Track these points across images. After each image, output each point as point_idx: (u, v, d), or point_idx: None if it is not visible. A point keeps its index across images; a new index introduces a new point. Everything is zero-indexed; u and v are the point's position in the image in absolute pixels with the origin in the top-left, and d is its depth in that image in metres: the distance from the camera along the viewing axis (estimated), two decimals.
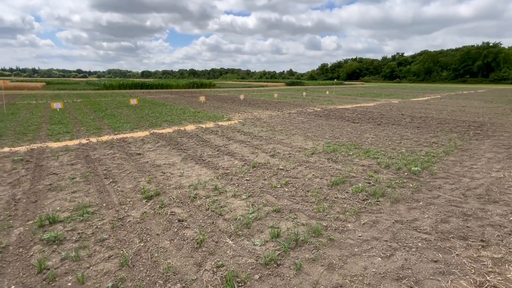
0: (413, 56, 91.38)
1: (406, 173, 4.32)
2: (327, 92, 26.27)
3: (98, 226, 2.75)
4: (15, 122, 8.74)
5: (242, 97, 18.56)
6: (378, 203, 3.31)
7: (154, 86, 34.37)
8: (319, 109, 13.39)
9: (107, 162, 4.84)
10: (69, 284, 1.99)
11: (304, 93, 22.26)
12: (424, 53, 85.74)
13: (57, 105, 11.99)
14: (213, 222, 2.84)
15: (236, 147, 5.93)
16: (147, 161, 4.92)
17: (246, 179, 4.05)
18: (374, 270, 2.17)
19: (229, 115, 10.88)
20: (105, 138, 6.74)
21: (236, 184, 3.86)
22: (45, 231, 2.66)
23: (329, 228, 2.75)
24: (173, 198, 3.39)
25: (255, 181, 3.99)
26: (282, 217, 2.96)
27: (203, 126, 8.45)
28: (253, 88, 41.11)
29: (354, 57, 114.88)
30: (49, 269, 2.13)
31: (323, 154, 5.43)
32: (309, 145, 6.17)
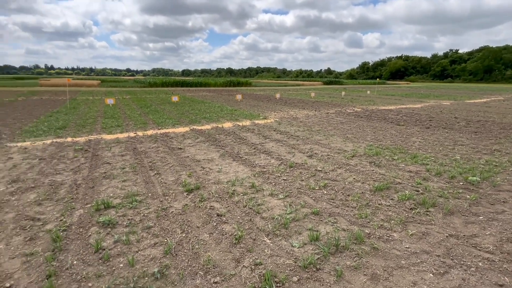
0: (470, 53, 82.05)
1: (461, 183, 3.89)
2: (368, 92, 24.89)
3: (145, 214, 2.95)
4: (76, 116, 9.81)
5: (278, 96, 18.48)
6: (428, 213, 3.03)
7: (193, 84, 35.95)
8: (359, 109, 12.74)
9: (152, 155, 5.18)
10: (121, 265, 2.16)
11: (343, 93, 21.38)
12: (484, 49, 76.43)
13: (110, 101, 13.19)
14: (250, 220, 2.86)
15: (273, 146, 5.91)
16: (188, 156, 5.15)
17: (283, 179, 4.01)
18: (425, 287, 1.98)
19: (265, 114, 10.90)
20: (150, 132, 7.22)
21: (273, 183, 3.84)
22: (101, 214, 2.93)
23: (372, 236, 2.59)
24: (212, 193, 3.50)
25: (292, 181, 3.93)
26: (321, 220, 2.86)
27: (240, 124, 8.59)
28: (289, 87, 40.69)
29: (399, 55, 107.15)
30: (104, 249, 2.34)
31: (364, 157, 5.14)
32: (349, 147, 5.90)
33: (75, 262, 2.19)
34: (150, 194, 3.45)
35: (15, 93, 20.14)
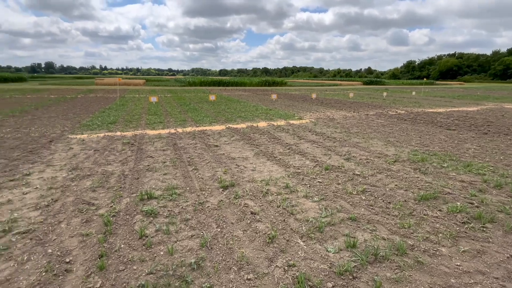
0: None
1: None
2: (413, 93, 23.05)
3: (183, 207, 3.11)
4: (124, 112, 10.70)
5: (314, 96, 18.06)
6: (484, 229, 2.70)
7: (229, 84, 36.84)
8: (403, 111, 11.87)
9: (190, 151, 5.43)
10: (161, 253, 2.31)
11: (385, 94, 20.09)
12: None
13: (153, 99, 14.15)
14: (284, 220, 2.85)
15: (308, 147, 5.80)
16: (223, 153, 5.29)
17: (318, 181, 3.91)
18: None
19: (300, 114, 10.74)
20: (188, 129, 7.58)
21: (308, 185, 3.76)
22: (144, 204, 3.16)
23: (416, 249, 2.39)
24: (246, 191, 3.55)
25: (328, 184, 3.81)
26: (359, 227, 2.73)
27: (275, 123, 8.58)
28: (326, 87, 39.52)
29: (451, 52, 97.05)
30: (147, 236, 2.52)
31: (408, 163, 4.78)
32: (390, 151, 5.53)
33: (122, 245, 2.39)
34: (188, 188, 3.62)
35: (75, 91, 22.67)
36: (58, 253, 2.28)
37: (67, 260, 2.20)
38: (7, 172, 4.12)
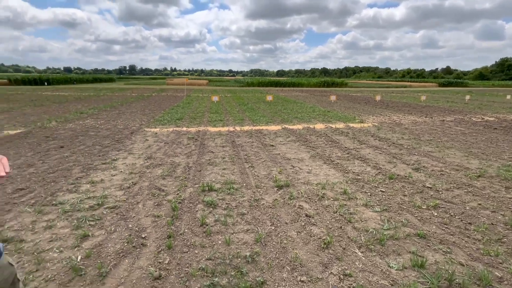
0: None
1: None
2: (508, 97, 19.18)
3: (240, 202, 3.26)
4: (189, 110, 11.73)
5: (378, 98, 16.67)
6: None
7: (286, 84, 36.81)
8: (491, 118, 10.01)
9: (247, 149, 5.64)
10: (219, 242, 2.47)
11: (468, 97, 17.22)
12: None
13: (215, 98, 15.12)
14: (341, 227, 2.72)
15: (369, 153, 5.40)
16: (279, 153, 5.33)
17: (380, 190, 3.61)
18: None
19: (362, 117, 10.05)
20: (246, 128, 7.87)
21: (369, 193, 3.51)
22: (205, 195, 3.42)
23: (505, 282, 2.01)
24: (301, 193, 3.51)
25: (392, 194, 3.48)
26: (428, 246, 2.43)
27: (333, 126, 8.24)
28: (392, 88, 36.02)
29: None
30: (207, 225, 2.73)
31: (497, 179, 4.02)
32: (473, 164, 4.74)
33: (186, 230, 2.65)
34: (244, 184, 3.78)
35: (151, 90, 25.86)
36: (136, 228, 2.66)
37: (143, 235, 2.54)
38: (100, 156, 4.97)
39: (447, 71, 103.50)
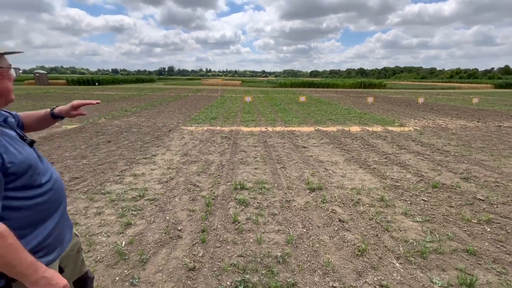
0: None
1: None
2: None
3: (271, 202, 3.27)
4: (223, 109, 12.05)
5: (421, 100, 15.48)
6: None
7: (320, 85, 35.95)
8: None
9: (279, 150, 5.62)
10: (251, 240, 2.51)
11: None
12: None
13: (247, 98, 15.34)
14: (377, 235, 2.59)
15: (410, 159, 5.04)
16: (311, 155, 5.23)
17: (422, 199, 3.36)
18: None
19: (402, 120, 9.42)
20: (278, 128, 7.86)
21: (409, 202, 3.29)
22: (238, 193, 3.49)
23: None
24: (335, 197, 3.41)
25: (436, 204, 3.22)
26: (479, 264, 2.20)
27: (369, 129, 7.85)
28: (438, 90, 33.18)
29: None
30: (239, 222, 2.79)
31: None
32: None
33: (219, 226, 2.73)
34: (276, 185, 3.78)
35: (187, 90, 27.09)
36: (173, 221, 2.81)
37: (179, 228, 2.68)
38: (141, 151, 5.34)
39: (506, 71, 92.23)
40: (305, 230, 2.67)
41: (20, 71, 1.04)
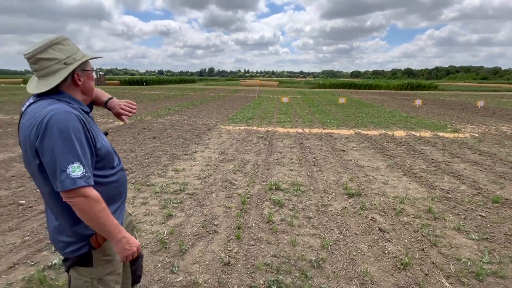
0: None
1: None
2: None
3: (307, 205, 3.21)
4: (260, 110, 12.16)
5: (480, 103, 13.80)
6: None
7: (362, 86, 34.22)
8: None
9: (316, 152, 5.49)
10: (285, 241, 2.50)
11: None
12: None
13: (284, 99, 15.26)
14: (423, 249, 2.38)
15: (465, 168, 4.53)
16: (351, 159, 5.01)
17: (479, 214, 3.00)
18: None
19: (456, 125, 8.51)
20: (315, 130, 7.67)
21: (462, 216, 2.96)
22: (272, 193, 3.50)
23: None
24: (375, 204, 3.22)
25: (498, 222, 2.84)
26: None
27: (417, 134, 7.24)
28: (503, 92, 29.25)
29: None
30: (273, 222, 2.79)
31: None
32: None
33: (253, 224, 2.77)
34: (312, 188, 3.70)
35: (225, 90, 27.93)
36: (210, 216, 2.93)
37: (215, 223, 2.79)
38: (183, 148, 5.66)
39: None
40: (341, 237, 2.57)
41: (101, 73, 1.22)
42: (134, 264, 1.50)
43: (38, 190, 3.23)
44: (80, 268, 1.09)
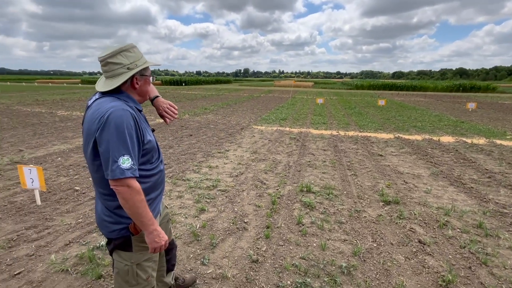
0: None
1: None
2: None
3: (339, 209, 3.11)
4: (293, 111, 12.04)
5: None
6: None
7: (404, 88, 31.95)
8: None
9: (351, 155, 5.28)
10: (314, 244, 2.45)
11: None
12: None
13: (319, 101, 14.90)
14: (470, 267, 2.16)
15: None
16: (388, 165, 4.72)
17: None
18: None
19: None
20: (351, 133, 7.37)
21: None
22: (303, 195, 3.45)
23: None
24: (415, 214, 2.99)
25: None
26: None
27: (468, 140, 6.55)
28: None
29: None
30: (303, 225, 2.76)
31: None
32: None
33: (282, 225, 2.77)
34: (345, 192, 3.57)
35: (259, 91, 28.16)
36: (240, 213, 3.00)
37: (245, 220, 2.84)
38: (216, 146, 5.85)
39: None
40: (375, 245, 2.45)
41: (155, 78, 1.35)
42: (169, 253, 1.61)
43: (91, 178, 3.60)
44: (121, 252, 1.20)
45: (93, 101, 1.15)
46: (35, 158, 4.83)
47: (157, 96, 1.52)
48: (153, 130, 1.31)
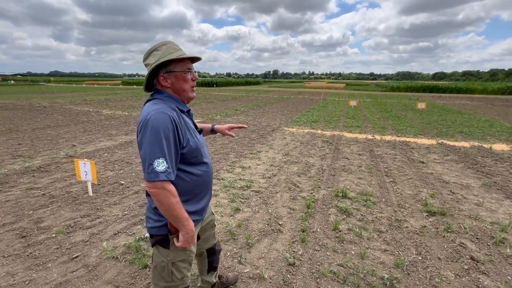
0: None
1: None
2: None
3: (378, 217, 2.97)
4: (325, 113, 11.76)
5: None
6: None
7: (447, 90, 29.58)
8: None
9: (388, 161, 5.01)
10: (352, 252, 2.37)
11: None
12: None
13: (353, 103, 14.38)
14: None
15: None
16: (431, 173, 4.40)
17: None
18: None
19: None
20: (388, 137, 7.00)
21: None
22: (339, 200, 3.35)
23: None
24: (465, 228, 2.75)
25: None
26: None
27: None
28: None
29: None
30: (340, 231, 2.68)
31: None
32: None
33: (318, 229, 2.72)
34: (384, 200, 3.40)
35: (289, 92, 27.96)
36: (274, 215, 3.00)
37: (280, 223, 2.84)
38: (248, 147, 5.92)
39: None
40: (420, 258, 2.29)
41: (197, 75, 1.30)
42: (211, 257, 1.64)
43: (133, 174, 3.80)
44: (160, 247, 1.22)
45: (144, 104, 1.19)
46: (86, 153, 5.30)
47: (214, 126, 1.65)
48: (200, 132, 1.30)
